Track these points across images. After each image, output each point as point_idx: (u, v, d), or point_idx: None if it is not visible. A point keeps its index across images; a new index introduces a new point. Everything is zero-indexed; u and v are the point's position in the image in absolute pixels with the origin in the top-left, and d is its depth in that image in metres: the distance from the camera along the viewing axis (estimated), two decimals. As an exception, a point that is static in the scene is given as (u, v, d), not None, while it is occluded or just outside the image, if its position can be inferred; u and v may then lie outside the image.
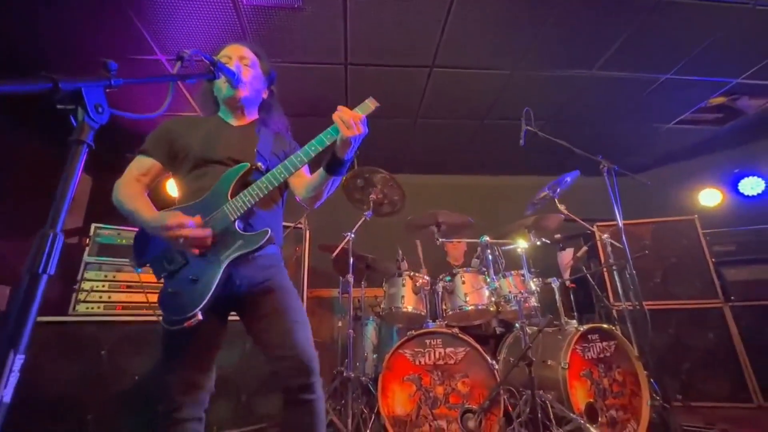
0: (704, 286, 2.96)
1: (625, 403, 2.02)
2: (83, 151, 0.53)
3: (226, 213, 1.11)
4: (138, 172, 1.22)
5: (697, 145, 3.99)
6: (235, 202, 1.12)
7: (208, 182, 1.17)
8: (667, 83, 3.01)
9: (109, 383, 2.11)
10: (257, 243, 1.10)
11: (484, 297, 2.26)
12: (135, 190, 1.19)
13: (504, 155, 4.17)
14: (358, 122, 1.06)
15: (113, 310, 2.31)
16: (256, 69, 1.36)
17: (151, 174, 1.24)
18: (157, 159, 1.23)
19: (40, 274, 0.45)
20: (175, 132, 1.26)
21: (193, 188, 1.19)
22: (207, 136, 1.25)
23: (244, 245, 1.10)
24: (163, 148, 1.24)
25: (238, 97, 1.30)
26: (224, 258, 1.09)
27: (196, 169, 1.21)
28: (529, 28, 2.48)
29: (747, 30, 2.49)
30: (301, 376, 1.10)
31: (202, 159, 1.21)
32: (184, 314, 1.04)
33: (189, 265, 1.10)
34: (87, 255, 2.34)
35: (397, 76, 2.88)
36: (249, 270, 1.17)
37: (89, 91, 0.54)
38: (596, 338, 2.11)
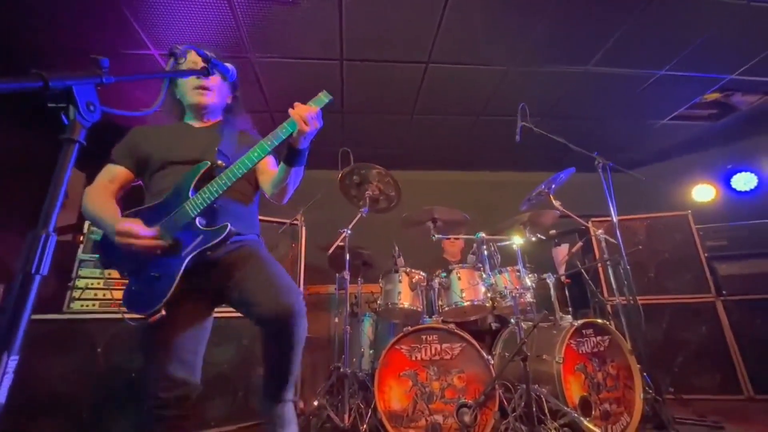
0: (697, 281, 2.99)
1: (618, 396, 2.04)
2: (75, 150, 0.52)
3: (186, 210, 1.13)
4: (106, 179, 1.25)
5: (691, 141, 4.02)
6: (195, 199, 1.14)
7: (170, 183, 1.19)
8: (661, 79, 3.02)
9: (105, 381, 2.11)
10: (216, 238, 1.12)
11: (479, 293, 2.28)
12: (100, 196, 1.21)
13: (500, 151, 4.17)
14: (314, 117, 1.12)
15: (108, 307, 2.30)
16: None
17: (118, 181, 1.26)
18: (123, 166, 1.27)
19: (33, 275, 0.44)
20: (139, 138, 1.29)
21: (156, 190, 1.21)
22: (169, 139, 1.28)
23: (203, 240, 1.11)
24: (128, 155, 1.27)
25: (204, 104, 1.34)
26: (185, 254, 1.11)
27: (159, 172, 1.24)
28: (525, 25, 2.47)
29: (741, 26, 2.50)
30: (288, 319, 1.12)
31: (165, 161, 1.23)
32: (147, 310, 1.06)
33: (151, 263, 1.12)
34: (81, 252, 2.33)
35: (392, 72, 2.87)
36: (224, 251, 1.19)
37: (80, 89, 0.53)
38: (590, 333, 2.13)
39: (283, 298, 1.12)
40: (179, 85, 1.37)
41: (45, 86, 0.49)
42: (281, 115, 3.59)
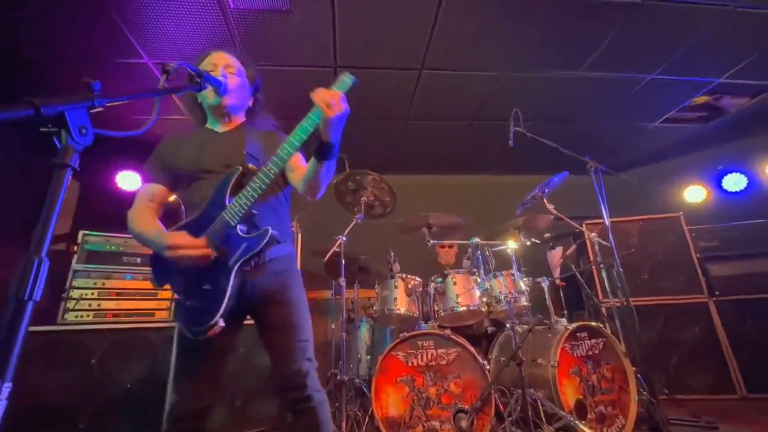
0: (690, 282, 3.03)
1: (613, 398, 2.06)
2: (67, 175, 0.53)
3: (226, 219, 1.12)
4: (145, 199, 1.25)
5: (682, 143, 4.07)
6: (232, 207, 1.12)
7: (206, 193, 1.18)
8: (652, 83, 3.06)
9: (100, 392, 2.10)
10: (260, 243, 1.11)
11: (475, 297, 2.29)
12: (143, 216, 1.21)
13: (494, 155, 4.20)
14: (338, 100, 1.03)
15: (103, 317, 2.30)
16: (243, 77, 1.36)
17: (157, 198, 1.27)
18: (158, 183, 1.26)
19: (26, 301, 0.45)
20: (166, 152, 1.28)
21: (193, 202, 1.21)
22: (196, 149, 1.26)
23: (248, 248, 1.11)
24: (160, 170, 1.27)
25: (224, 105, 1.30)
26: (232, 263, 1.11)
27: (192, 183, 1.23)
28: (517, 30, 2.50)
29: (728, 31, 2.54)
30: (295, 390, 1.16)
31: (195, 172, 1.23)
32: (204, 324, 1.06)
33: (201, 276, 1.12)
34: (75, 263, 2.32)
35: (386, 79, 2.88)
36: (261, 277, 1.19)
37: (72, 113, 0.54)
38: (585, 336, 2.15)
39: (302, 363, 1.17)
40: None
41: (37, 114, 0.49)
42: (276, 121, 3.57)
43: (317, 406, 1.18)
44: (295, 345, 1.18)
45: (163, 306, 2.46)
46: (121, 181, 3.36)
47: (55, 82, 2.66)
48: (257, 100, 1.47)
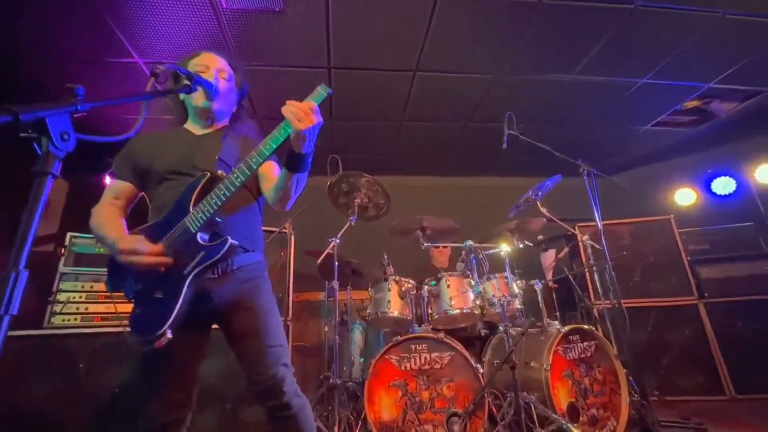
0: (680, 284, 3.06)
1: (605, 401, 2.07)
2: (48, 183, 0.51)
3: (187, 225, 1.08)
4: (110, 196, 1.22)
5: (672, 146, 4.12)
6: (195, 213, 1.08)
7: (173, 196, 1.14)
8: (644, 87, 3.09)
9: (88, 397, 2.06)
10: (218, 253, 1.06)
11: (469, 300, 2.29)
12: (105, 214, 1.18)
13: (488, 157, 4.22)
14: (310, 112, 1.00)
15: (91, 321, 2.25)
16: (232, 82, 1.35)
17: (123, 196, 1.23)
18: (126, 180, 1.22)
19: (2, 316, 0.43)
20: (137, 150, 1.23)
21: (159, 203, 1.18)
22: (168, 150, 1.23)
23: (205, 257, 1.07)
24: (128, 168, 1.23)
25: (212, 109, 1.28)
26: (187, 272, 1.06)
27: (161, 184, 1.19)
28: (511, 34, 2.51)
29: (717, 37, 2.58)
30: (273, 398, 1.13)
31: (166, 172, 1.19)
32: (152, 333, 1.01)
33: (154, 283, 1.08)
34: (63, 265, 2.27)
35: (381, 80, 2.87)
36: (227, 286, 1.16)
37: (54, 119, 0.52)
38: (577, 339, 2.16)
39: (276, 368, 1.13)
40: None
41: (15, 120, 0.47)
42: (269, 122, 3.55)
43: (297, 413, 1.14)
44: (268, 351, 1.14)
45: (153, 309, 2.42)
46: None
47: (44, 82, 2.61)
48: (241, 106, 1.45)
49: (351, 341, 2.69)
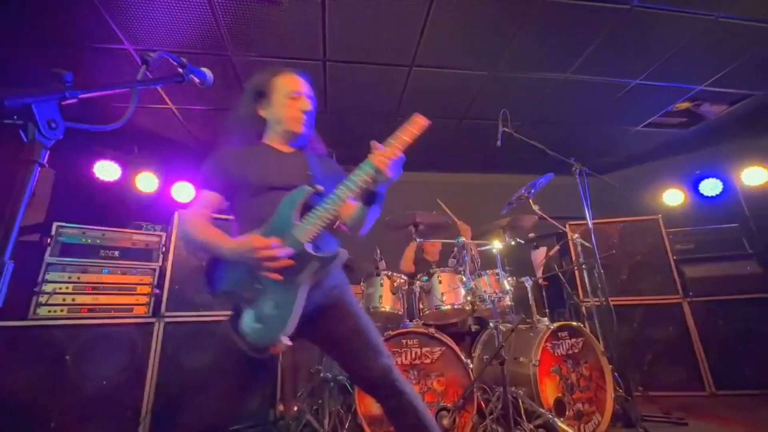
0: (666, 283, 3.13)
1: (591, 396, 2.12)
2: (34, 172, 0.50)
3: (296, 237, 1.13)
4: (200, 206, 1.26)
5: (663, 147, 4.18)
6: (303, 225, 1.14)
7: (268, 209, 1.19)
8: (636, 88, 3.12)
9: (74, 390, 2.04)
10: (331, 263, 1.15)
11: (460, 296, 2.31)
12: (203, 224, 1.21)
13: (482, 154, 4.23)
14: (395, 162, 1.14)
15: (78, 312, 2.22)
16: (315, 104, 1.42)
17: (212, 206, 1.28)
18: (216, 191, 1.27)
19: (-14, 308, 0.42)
20: (229, 163, 1.28)
21: (252, 215, 1.22)
22: (261, 164, 1.28)
23: (319, 267, 1.13)
24: (220, 180, 1.27)
25: (300, 133, 1.35)
26: (300, 281, 1.11)
27: (254, 197, 1.24)
28: (507, 31, 2.50)
29: (710, 40, 2.61)
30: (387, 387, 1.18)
31: (260, 186, 1.24)
32: (271, 342, 1.07)
33: (267, 292, 1.11)
34: (48, 256, 2.23)
35: (376, 74, 2.85)
36: (318, 292, 1.20)
37: (41, 106, 0.50)
38: (566, 335, 2.20)
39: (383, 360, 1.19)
40: (273, 105, 1.34)
41: (0, 106, 0.46)
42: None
43: (412, 398, 1.19)
44: (373, 346, 1.21)
45: (141, 301, 2.40)
46: (99, 172, 3.24)
47: (29, 67, 2.54)
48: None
49: (342, 335, 2.70)
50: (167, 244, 2.55)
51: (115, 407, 2.11)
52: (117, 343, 2.23)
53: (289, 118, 1.33)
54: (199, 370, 2.41)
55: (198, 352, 2.44)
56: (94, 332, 2.18)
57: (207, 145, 3.80)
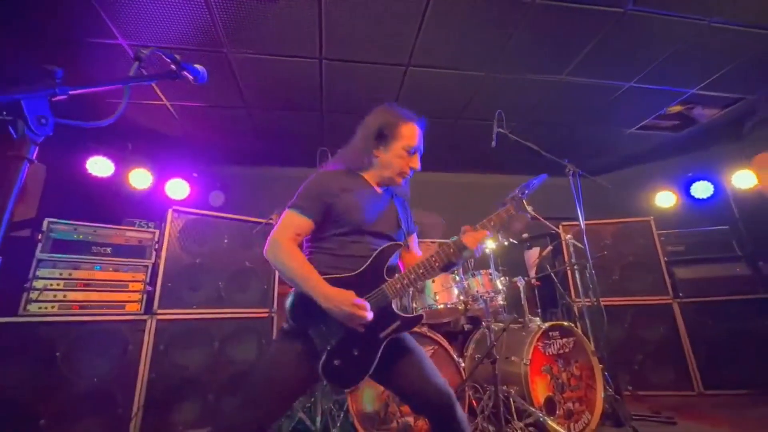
0: (657, 284, 3.17)
1: (581, 395, 2.14)
2: (23, 168, 0.50)
3: (386, 293, 1.19)
4: (294, 231, 1.24)
5: (655, 150, 4.22)
6: (394, 283, 1.20)
7: (359, 251, 1.24)
8: (630, 91, 3.15)
9: (64, 387, 2.03)
10: (414, 326, 1.23)
11: (453, 296, 2.32)
12: (299, 254, 1.21)
13: (476, 154, 4.25)
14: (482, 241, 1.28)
15: (69, 309, 2.20)
16: None
17: (305, 233, 1.27)
18: (312, 218, 1.25)
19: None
20: (331, 193, 1.28)
21: (343, 253, 1.25)
22: (361, 204, 1.29)
23: (402, 327, 1.20)
24: (320, 208, 1.26)
25: (397, 184, 1.41)
26: (383, 336, 1.17)
27: (349, 235, 1.26)
28: (503, 32, 2.51)
29: (702, 44, 2.64)
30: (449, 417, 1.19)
31: (358, 227, 1.26)
32: (349, 386, 1.20)
33: (349, 339, 1.15)
34: (40, 252, 2.21)
35: (372, 73, 2.85)
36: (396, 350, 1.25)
37: (30, 102, 0.50)
38: (557, 335, 2.22)
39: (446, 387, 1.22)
40: (389, 151, 1.36)
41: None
42: (258, 112, 3.48)
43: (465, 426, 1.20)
44: (430, 366, 1.25)
45: (133, 298, 2.39)
46: (92, 167, 3.21)
47: (20, 62, 2.51)
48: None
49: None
50: (160, 241, 2.54)
51: (106, 404, 2.10)
52: (108, 340, 2.21)
53: (399, 172, 1.37)
54: (192, 367, 2.41)
55: (191, 350, 2.44)
56: (86, 329, 2.17)
57: (202, 143, 3.79)
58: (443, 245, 1.26)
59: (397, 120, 1.38)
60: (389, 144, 1.36)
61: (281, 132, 3.64)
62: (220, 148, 3.93)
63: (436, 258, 1.23)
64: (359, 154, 1.39)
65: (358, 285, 1.16)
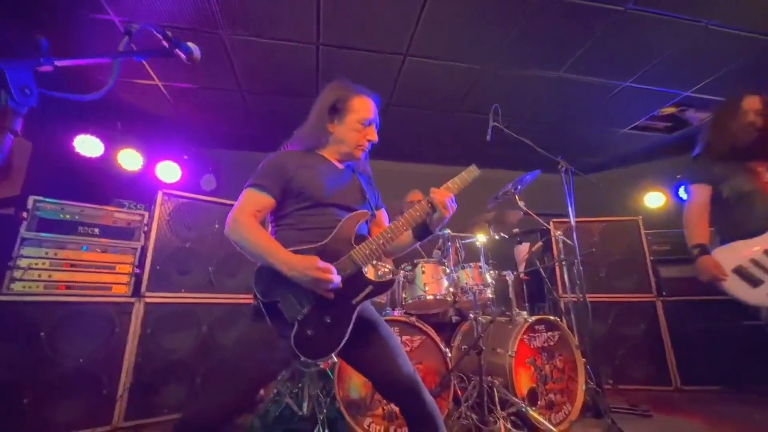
0: (642, 282, 3.23)
1: (563, 387, 2.20)
2: (6, 140, 0.48)
3: (354, 259, 1.18)
4: (254, 208, 1.22)
5: (647, 150, 4.28)
6: (362, 249, 1.19)
7: (324, 223, 1.23)
8: (625, 90, 3.17)
9: (48, 367, 2.01)
10: (386, 289, 1.25)
11: (442, 287, 2.34)
12: (260, 229, 1.19)
13: (471, 148, 4.26)
14: (452, 201, 1.26)
15: (55, 289, 2.17)
16: None
17: (265, 210, 1.25)
18: (272, 195, 1.24)
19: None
20: (290, 169, 1.27)
21: (306, 226, 1.24)
22: (321, 178, 1.29)
23: (374, 291, 1.18)
24: (279, 184, 1.25)
25: (357, 159, 1.40)
26: (355, 302, 1.16)
27: (311, 209, 1.25)
28: (502, 26, 2.50)
29: (699, 47, 2.66)
30: (413, 396, 1.19)
31: (319, 200, 1.25)
32: (322, 356, 1.13)
33: (320, 308, 1.13)
34: (25, 230, 2.17)
35: (370, 61, 2.82)
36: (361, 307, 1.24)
37: (14, 73, 0.48)
38: (542, 328, 2.26)
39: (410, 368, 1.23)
40: (344, 124, 1.35)
41: (-30, 69, 0.44)
42: (252, 96, 3.42)
43: (433, 408, 1.21)
44: (401, 353, 1.25)
45: (121, 280, 2.36)
46: (80, 146, 3.13)
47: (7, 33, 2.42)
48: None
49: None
50: (150, 223, 2.51)
51: (91, 385, 2.09)
52: (95, 322, 2.20)
53: (355, 145, 1.36)
54: (180, 350, 2.40)
55: (179, 333, 2.43)
56: (72, 310, 2.14)
57: (194, 125, 3.72)
58: (412, 207, 1.26)
59: (348, 93, 1.37)
60: (343, 118, 1.36)
61: (275, 117, 3.59)
62: (212, 131, 3.87)
63: (405, 220, 1.23)
64: (314, 131, 1.38)
65: (325, 255, 1.14)
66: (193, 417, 1.07)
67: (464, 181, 1.31)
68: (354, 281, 1.17)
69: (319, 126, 1.37)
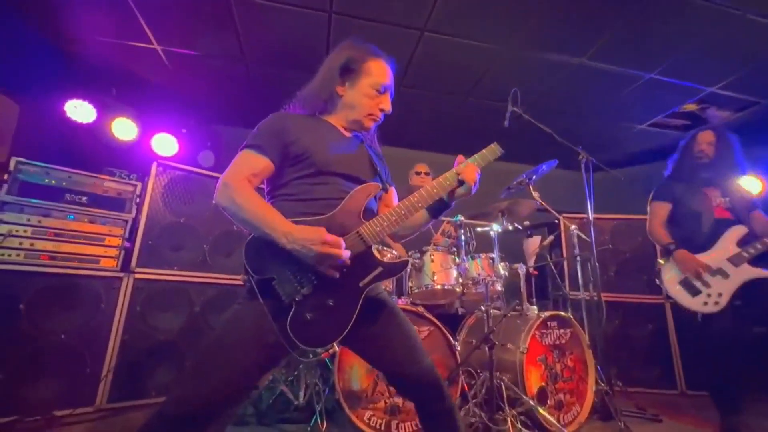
0: (651, 282, 3.12)
1: (573, 387, 2.10)
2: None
3: (363, 237, 1.04)
4: (249, 171, 1.05)
5: (661, 149, 4.15)
6: (372, 226, 1.05)
7: (330, 193, 1.09)
8: (649, 83, 3.03)
9: (26, 340, 1.86)
10: (398, 272, 1.09)
11: (451, 277, 2.22)
12: (256, 195, 1.02)
13: (483, 137, 4.09)
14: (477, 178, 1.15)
15: (37, 259, 2.02)
16: None
17: (261, 174, 1.09)
18: (270, 159, 1.08)
19: None
20: (292, 132, 1.11)
21: (310, 197, 1.09)
22: (326, 144, 1.14)
23: (384, 273, 1.04)
24: (278, 148, 1.09)
25: (367, 129, 1.26)
26: (362, 284, 1.02)
27: (313, 177, 1.10)
28: (527, 4, 2.34)
29: (730, 40, 2.53)
30: (431, 389, 1.08)
31: (325, 167, 1.11)
32: (323, 344, 1.02)
33: (323, 288, 0.99)
34: (5, 194, 2.00)
35: (385, 34, 2.65)
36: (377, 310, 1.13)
37: None
38: (555, 325, 2.15)
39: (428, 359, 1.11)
40: (355, 89, 1.19)
41: None
42: (257, 66, 3.22)
43: (453, 405, 1.10)
44: (418, 343, 1.13)
45: (110, 253, 2.21)
46: (71, 111, 2.94)
47: None
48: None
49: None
50: (142, 195, 2.35)
51: (72, 363, 1.95)
52: (80, 296, 2.05)
53: (367, 113, 1.21)
54: (171, 331, 2.27)
55: (171, 314, 2.29)
56: (55, 281, 1.99)
57: (194, 97, 3.53)
58: (437, 180, 1.12)
59: (364, 54, 1.21)
60: (355, 80, 1.19)
61: (280, 92, 3.39)
62: (213, 104, 3.68)
63: (426, 192, 1.09)
64: (321, 93, 1.22)
65: (329, 229, 0.98)
66: (173, 407, 0.92)
67: (485, 159, 1.20)
68: (362, 261, 1.02)
69: (327, 87, 1.21)
